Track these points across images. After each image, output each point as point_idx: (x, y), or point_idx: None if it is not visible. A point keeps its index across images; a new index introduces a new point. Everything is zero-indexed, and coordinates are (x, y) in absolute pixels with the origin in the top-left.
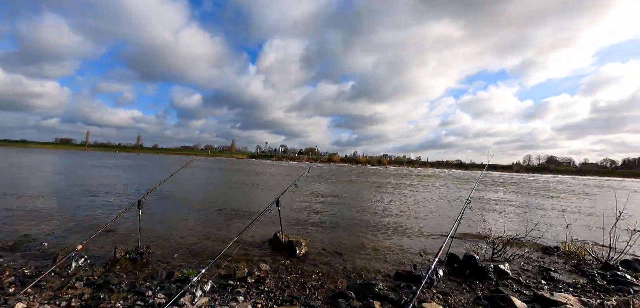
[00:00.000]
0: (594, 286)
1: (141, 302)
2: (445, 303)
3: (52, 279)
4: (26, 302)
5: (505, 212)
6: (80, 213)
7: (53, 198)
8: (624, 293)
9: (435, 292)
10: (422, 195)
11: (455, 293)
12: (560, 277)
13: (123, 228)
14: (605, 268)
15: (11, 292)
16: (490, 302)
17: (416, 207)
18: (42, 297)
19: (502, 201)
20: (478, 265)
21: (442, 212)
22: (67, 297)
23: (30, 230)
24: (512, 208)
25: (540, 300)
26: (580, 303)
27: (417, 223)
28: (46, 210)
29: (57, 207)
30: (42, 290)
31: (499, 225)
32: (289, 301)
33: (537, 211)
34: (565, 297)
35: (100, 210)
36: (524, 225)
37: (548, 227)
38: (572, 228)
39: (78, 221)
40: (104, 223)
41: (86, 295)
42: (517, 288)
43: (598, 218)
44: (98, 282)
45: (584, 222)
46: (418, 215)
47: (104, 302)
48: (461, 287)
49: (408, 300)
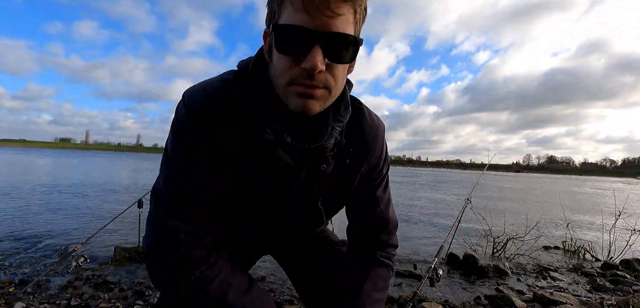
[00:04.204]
0: (594, 286)
1: (141, 302)
2: (445, 303)
3: (52, 278)
4: (26, 302)
5: (505, 211)
6: (80, 213)
7: (53, 198)
8: (624, 293)
9: (436, 291)
10: (422, 195)
11: (456, 292)
12: (560, 276)
13: (123, 227)
14: (605, 268)
15: (11, 292)
16: (490, 301)
17: (416, 206)
18: (42, 296)
19: (502, 200)
20: (478, 265)
21: (442, 211)
22: (67, 296)
23: (30, 229)
24: (513, 207)
25: (540, 299)
26: (580, 303)
27: (416, 223)
28: (46, 209)
29: (56, 206)
30: (42, 289)
31: (499, 225)
32: (289, 300)
33: (537, 210)
34: (565, 296)
35: (100, 209)
36: (524, 224)
37: (548, 227)
38: (572, 227)
39: (78, 220)
40: (103, 222)
41: (86, 294)
42: (517, 288)
43: (598, 218)
44: (98, 281)
45: (584, 221)
46: (418, 215)
47: (103, 302)
48: (461, 286)
49: (408, 299)
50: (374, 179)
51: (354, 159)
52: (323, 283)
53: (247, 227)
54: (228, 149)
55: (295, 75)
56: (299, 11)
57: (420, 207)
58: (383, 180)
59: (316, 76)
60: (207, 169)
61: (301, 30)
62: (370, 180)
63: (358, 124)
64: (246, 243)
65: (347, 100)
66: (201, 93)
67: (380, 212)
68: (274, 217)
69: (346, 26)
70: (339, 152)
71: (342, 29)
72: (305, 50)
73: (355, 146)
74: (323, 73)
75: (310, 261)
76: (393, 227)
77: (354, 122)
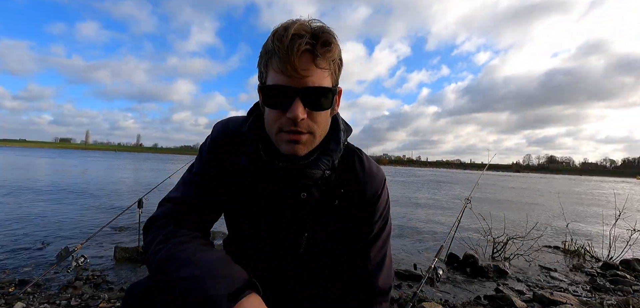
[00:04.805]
0: (594, 286)
1: None
2: (445, 303)
3: (51, 278)
4: (26, 302)
5: (505, 210)
6: (79, 212)
7: (52, 197)
8: (624, 293)
9: (436, 292)
10: (422, 195)
11: (455, 292)
12: (560, 276)
13: (123, 227)
14: (605, 268)
15: (11, 292)
16: (490, 301)
17: (416, 206)
18: (42, 296)
19: (502, 200)
20: (478, 265)
21: (442, 211)
22: (67, 296)
23: (30, 229)
24: (513, 207)
25: (540, 299)
26: (580, 303)
27: (416, 223)
28: (46, 209)
29: (56, 206)
30: (42, 289)
31: (499, 225)
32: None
33: (537, 210)
34: (565, 296)
35: (100, 209)
36: (524, 224)
37: (548, 226)
38: (572, 227)
39: (78, 220)
40: (103, 222)
41: (86, 294)
42: (517, 288)
43: (598, 218)
44: (98, 281)
45: (584, 222)
46: (418, 215)
47: (103, 302)
48: (461, 286)
49: (408, 299)
50: (366, 232)
51: (344, 201)
52: None
53: (245, 238)
54: (234, 166)
55: (282, 123)
56: (280, 73)
57: (420, 207)
58: (378, 238)
59: (299, 123)
60: (215, 177)
61: (283, 88)
62: (362, 233)
63: (352, 167)
64: (249, 255)
65: (337, 137)
66: (222, 126)
67: (368, 272)
68: (266, 235)
69: (322, 79)
70: (328, 189)
71: (317, 82)
72: (288, 104)
73: (347, 188)
74: (305, 120)
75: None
76: (381, 295)
77: (348, 163)
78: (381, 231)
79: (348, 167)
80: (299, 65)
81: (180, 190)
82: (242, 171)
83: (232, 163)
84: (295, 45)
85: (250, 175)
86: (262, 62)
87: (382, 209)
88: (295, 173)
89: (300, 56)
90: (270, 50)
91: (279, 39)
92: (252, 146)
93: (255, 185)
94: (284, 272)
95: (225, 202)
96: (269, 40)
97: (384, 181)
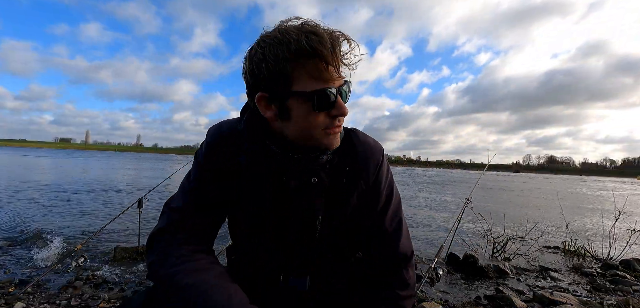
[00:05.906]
0: (594, 286)
1: None
2: (445, 303)
3: (51, 278)
4: (26, 302)
5: (505, 211)
6: (80, 212)
7: (52, 197)
8: (624, 293)
9: (435, 292)
10: (422, 195)
11: (455, 292)
12: (560, 276)
13: (123, 227)
14: (605, 268)
15: (11, 292)
16: (490, 301)
17: (416, 206)
18: (42, 296)
19: (502, 200)
20: (478, 265)
21: (442, 211)
22: (67, 296)
23: (30, 229)
24: (513, 207)
25: (540, 299)
26: (580, 303)
27: (416, 223)
28: (46, 209)
29: (56, 206)
30: (42, 289)
31: (499, 225)
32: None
33: (537, 210)
34: (565, 296)
35: (100, 209)
36: (524, 224)
37: (548, 226)
38: (571, 227)
39: (78, 220)
40: (103, 222)
41: (86, 294)
42: (517, 288)
43: (598, 218)
44: (98, 281)
45: (584, 222)
46: (418, 215)
47: (103, 302)
48: (461, 286)
49: None
50: (376, 203)
51: (350, 178)
52: None
53: (250, 237)
54: (232, 167)
55: (327, 122)
56: (319, 79)
57: (420, 207)
58: (388, 205)
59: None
60: (214, 181)
61: (331, 91)
62: (372, 204)
63: (350, 144)
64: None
65: None
66: (216, 129)
67: (386, 240)
68: (275, 227)
69: (347, 74)
70: (334, 171)
71: (347, 77)
72: (335, 104)
73: (350, 165)
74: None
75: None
76: (404, 260)
77: (347, 143)
78: (390, 198)
79: (347, 146)
80: (340, 67)
81: (181, 199)
82: (241, 170)
83: (230, 164)
84: (336, 48)
85: (250, 173)
86: (285, 65)
87: (385, 176)
88: (308, 161)
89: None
90: (304, 53)
91: (320, 43)
92: (254, 143)
93: (257, 181)
94: (292, 268)
95: (227, 204)
96: (296, 42)
97: (383, 151)
